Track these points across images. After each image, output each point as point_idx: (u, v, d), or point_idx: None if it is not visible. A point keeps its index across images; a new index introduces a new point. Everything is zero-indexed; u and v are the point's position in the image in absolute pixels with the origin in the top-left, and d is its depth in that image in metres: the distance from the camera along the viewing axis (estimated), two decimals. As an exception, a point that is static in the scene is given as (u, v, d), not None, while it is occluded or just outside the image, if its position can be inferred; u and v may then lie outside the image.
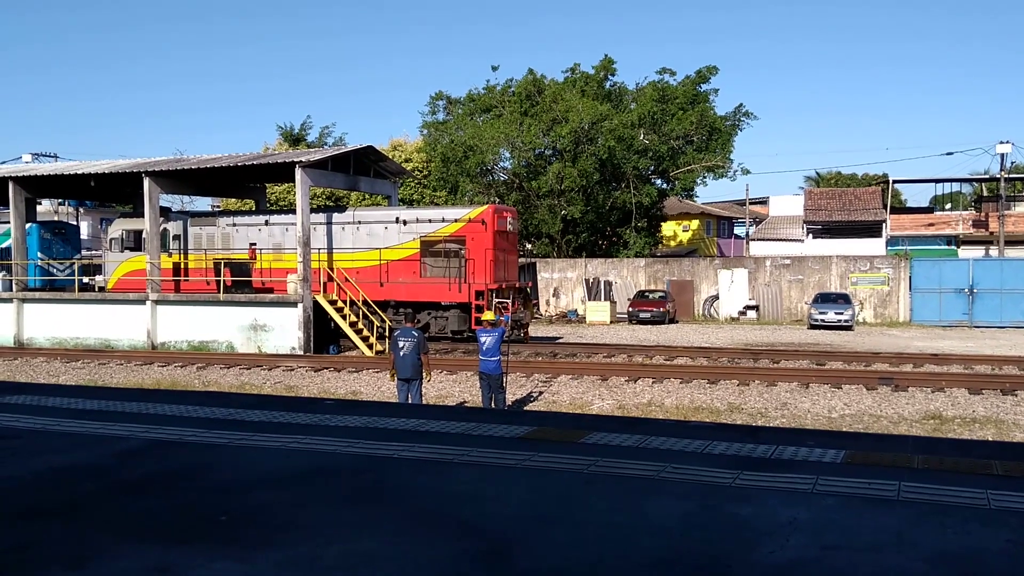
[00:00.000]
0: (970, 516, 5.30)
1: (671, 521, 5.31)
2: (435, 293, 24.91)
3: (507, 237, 26.03)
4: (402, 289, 25.25)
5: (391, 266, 25.51)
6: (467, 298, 24.32)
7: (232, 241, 27.82)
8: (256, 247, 26.86)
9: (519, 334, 25.76)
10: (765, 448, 7.33)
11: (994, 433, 13.57)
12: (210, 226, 28.52)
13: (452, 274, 24.69)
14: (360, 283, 25.31)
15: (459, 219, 25.31)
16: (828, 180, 75.00)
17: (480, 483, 6.32)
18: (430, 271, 25.23)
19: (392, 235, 25.83)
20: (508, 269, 26.06)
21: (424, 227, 25.53)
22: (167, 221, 28.72)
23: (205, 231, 28.39)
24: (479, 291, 24.15)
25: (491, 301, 23.98)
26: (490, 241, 24.63)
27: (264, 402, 11.01)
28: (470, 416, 9.82)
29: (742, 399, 16.28)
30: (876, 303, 37.69)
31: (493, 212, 25.28)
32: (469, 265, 24.49)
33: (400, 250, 25.61)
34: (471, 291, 24.25)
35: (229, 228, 28.09)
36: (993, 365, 21.00)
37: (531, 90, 45.01)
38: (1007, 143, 43.29)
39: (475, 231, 24.79)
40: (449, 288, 24.62)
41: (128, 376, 21.09)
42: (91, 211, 55.93)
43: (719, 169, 45.27)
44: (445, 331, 25.17)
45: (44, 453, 7.45)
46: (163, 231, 28.25)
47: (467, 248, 24.70)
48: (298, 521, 5.36)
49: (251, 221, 28.20)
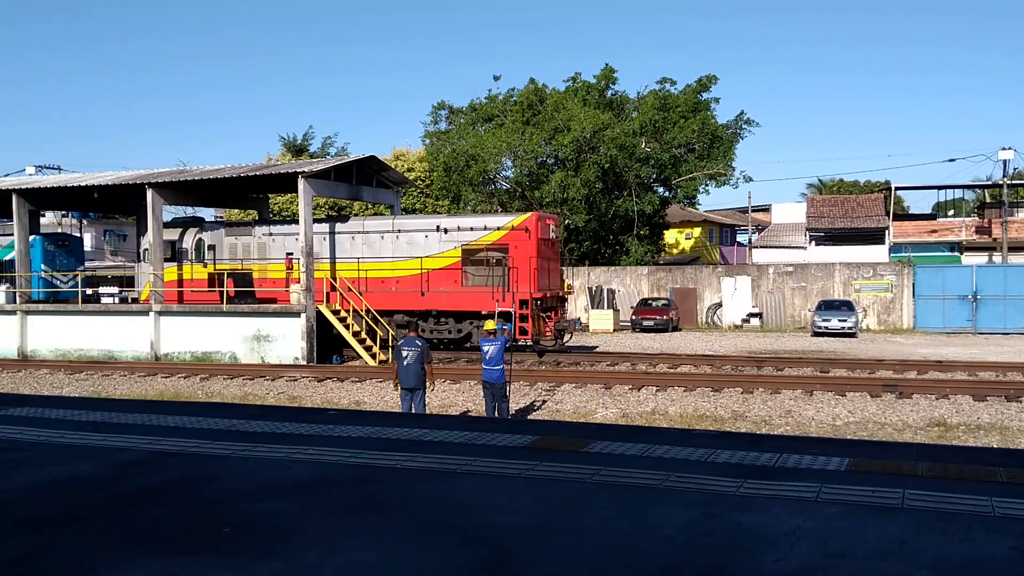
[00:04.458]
0: (974, 524, 5.28)
1: (675, 530, 5.29)
2: (478, 302, 24.31)
3: (550, 245, 25.70)
4: (444, 298, 24.85)
5: (432, 275, 25.11)
6: (511, 307, 23.91)
7: (268, 251, 27.53)
8: (292, 256, 26.48)
9: (561, 343, 25.55)
10: (769, 456, 7.31)
11: (999, 440, 13.52)
12: (246, 236, 28.22)
13: (495, 283, 24.19)
14: (401, 292, 25.16)
15: (502, 227, 24.93)
16: (830, 187, 75.01)
17: (483, 493, 6.31)
18: (472, 280, 24.80)
19: (433, 243, 25.41)
20: (551, 277, 25.67)
21: (465, 235, 25.16)
22: (202, 231, 28.59)
23: (241, 241, 28.14)
24: (523, 300, 23.75)
25: (535, 310, 23.80)
26: (534, 249, 24.26)
27: (266, 413, 11.01)
28: (473, 426, 9.81)
29: (746, 407, 16.24)
30: (880, 310, 37.63)
31: (537, 220, 24.86)
32: (513, 273, 24.04)
33: (441, 259, 25.20)
34: (515, 300, 23.83)
35: (265, 238, 27.79)
36: (997, 372, 20.93)
37: (533, 99, 45.11)
38: (1009, 149, 43.27)
39: (518, 239, 24.42)
40: (492, 297, 24.09)
41: (132, 387, 21.10)
42: (94, 223, 56.11)
43: (721, 177, 45.31)
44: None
45: (47, 465, 7.46)
46: (198, 241, 28.23)
47: (511, 256, 24.27)
48: (301, 532, 5.35)
49: (288, 230, 27.72)
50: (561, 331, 25.28)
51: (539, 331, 24.29)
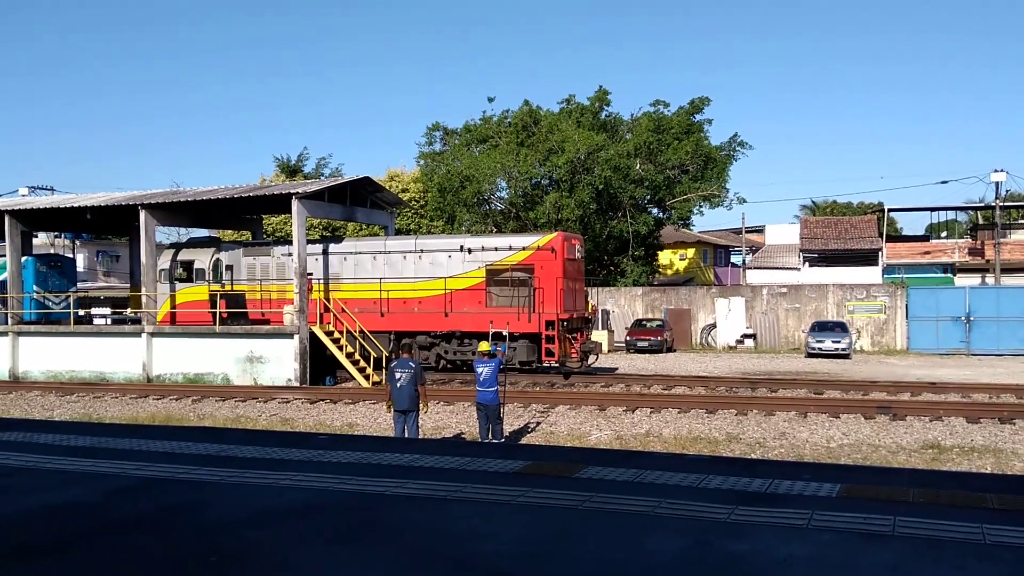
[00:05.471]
0: (966, 551, 5.26)
1: (667, 557, 5.27)
2: (503, 323, 23.71)
3: (576, 265, 25.45)
4: (468, 319, 24.38)
5: (455, 296, 24.78)
6: (537, 328, 23.52)
7: (287, 271, 26.88)
8: (312, 277, 26.23)
9: (587, 365, 25.39)
10: (761, 482, 7.29)
11: (993, 462, 13.50)
12: (264, 256, 27.81)
13: (520, 303, 23.88)
14: (424, 313, 24.95)
15: (527, 247, 24.60)
16: (824, 209, 75.33)
17: (475, 520, 6.27)
18: (496, 300, 24.40)
19: (456, 264, 25.07)
20: (577, 298, 25.38)
21: (490, 255, 24.84)
22: (219, 251, 28.33)
23: (259, 261, 27.78)
24: (550, 321, 23.40)
25: (562, 332, 23.57)
26: (560, 269, 23.91)
27: (257, 437, 10.96)
28: (465, 450, 9.77)
29: (740, 429, 16.21)
30: (873, 331, 37.69)
31: (563, 239, 24.46)
32: (538, 294, 23.70)
33: (465, 279, 24.85)
34: (541, 321, 23.48)
35: (284, 258, 27.18)
36: (991, 393, 20.94)
37: (527, 121, 45.32)
38: (1001, 171, 43.60)
39: (544, 259, 24.09)
40: (518, 318, 23.77)
41: (123, 410, 20.99)
42: (87, 244, 56.04)
43: (715, 198, 45.49)
44: (513, 362, 23.97)
45: (35, 491, 7.40)
46: (215, 261, 28.02)
47: (536, 276, 23.95)
48: (290, 560, 5.31)
49: (308, 250, 26.98)
50: (587, 352, 25.03)
51: (565, 352, 24.01)
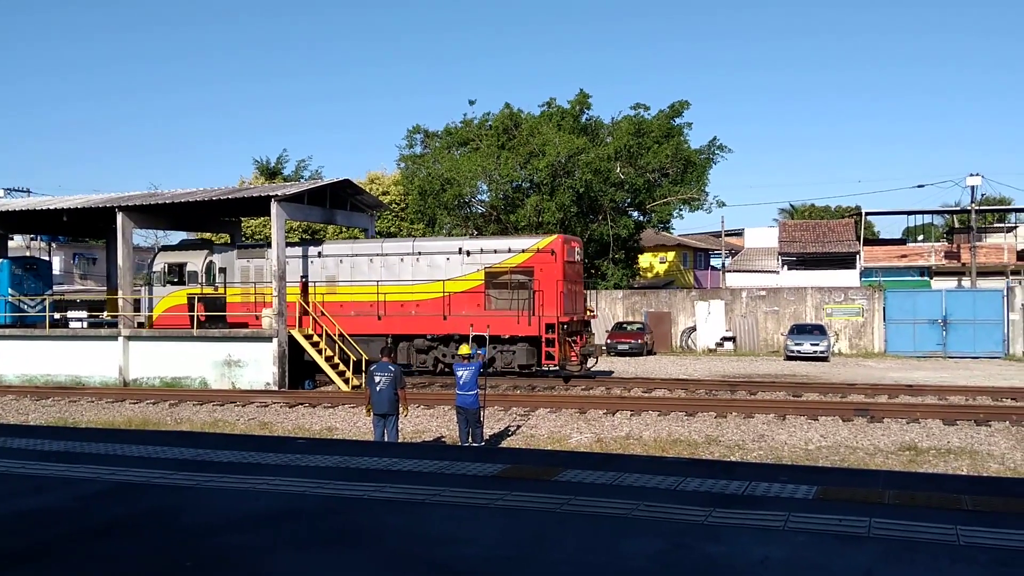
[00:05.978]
0: (940, 552, 5.31)
1: (644, 561, 5.28)
2: (501, 326, 23.65)
3: (575, 268, 25.35)
4: (466, 322, 23.97)
5: (454, 298, 24.58)
6: (536, 331, 23.38)
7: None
8: (306, 279, 26.04)
9: (587, 368, 25.29)
10: (738, 484, 7.32)
11: (969, 464, 13.64)
12: (259, 258, 27.37)
13: (520, 306, 23.72)
14: (421, 316, 24.76)
15: (526, 249, 24.47)
16: (802, 212, 75.87)
17: (453, 523, 6.26)
18: (495, 303, 24.27)
19: (455, 266, 24.89)
20: (576, 301, 25.26)
21: (488, 257, 24.68)
22: (212, 254, 27.95)
23: (253, 263, 27.38)
24: (549, 324, 23.27)
25: (562, 335, 23.44)
26: (560, 272, 23.82)
27: (234, 442, 10.88)
28: (443, 454, 9.76)
29: (719, 431, 16.28)
30: (851, 334, 37.99)
31: (563, 242, 24.37)
32: (538, 297, 23.57)
33: (463, 282, 24.68)
34: (541, 324, 23.36)
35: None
36: (967, 396, 21.17)
37: (508, 124, 45.33)
38: (977, 176, 44.01)
39: (544, 261, 23.98)
40: (517, 321, 23.63)
41: (99, 414, 20.77)
42: (64, 246, 55.48)
43: (695, 201, 45.68)
44: (512, 366, 24.00)
45: (9, 497, 7.31)
46: (208, 264, 27.66)
47: (536, 279, 23.84)
48: (266, 565, 5.28)
49: (302, 253, 26.92)
50: (586, 356, 24.94)
51: (565, 356, 23.89)
